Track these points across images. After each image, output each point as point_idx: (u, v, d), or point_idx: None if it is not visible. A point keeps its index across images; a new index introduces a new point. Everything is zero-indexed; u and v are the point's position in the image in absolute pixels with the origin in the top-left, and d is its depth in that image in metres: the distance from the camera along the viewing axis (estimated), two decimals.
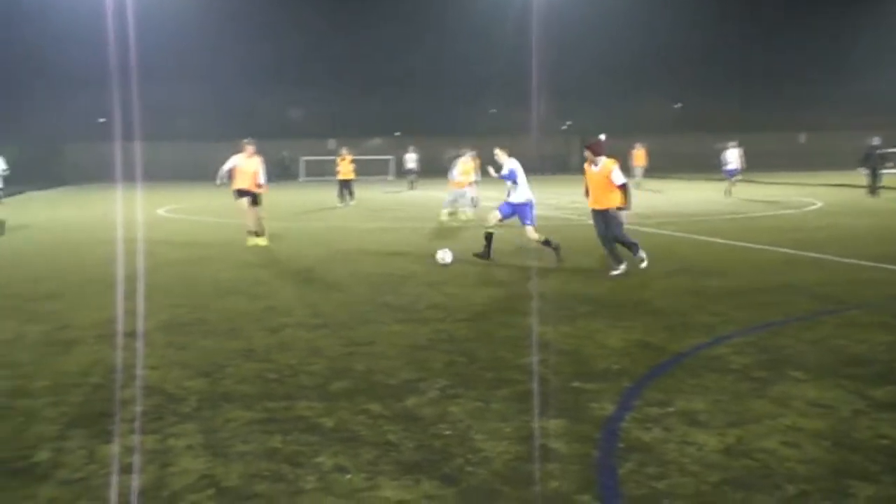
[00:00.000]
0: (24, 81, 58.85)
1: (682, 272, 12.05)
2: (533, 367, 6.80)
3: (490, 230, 13.27)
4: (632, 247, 11.86)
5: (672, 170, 53.97)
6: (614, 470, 4.71)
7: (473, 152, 23.49)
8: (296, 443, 5.15)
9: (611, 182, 11.62)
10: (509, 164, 13.22)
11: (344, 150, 29.77)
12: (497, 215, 13.20)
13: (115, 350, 7.58)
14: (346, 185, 28.72)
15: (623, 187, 11.65)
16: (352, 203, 28.45)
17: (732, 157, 31.22)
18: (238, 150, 16.38)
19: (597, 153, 11.73)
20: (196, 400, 6.08)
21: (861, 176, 30.00)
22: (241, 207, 16.24)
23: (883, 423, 5.42)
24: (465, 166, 22.87)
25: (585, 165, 11.93)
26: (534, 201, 13.30)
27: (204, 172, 46.26)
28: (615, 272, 11.55)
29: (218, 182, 16.64)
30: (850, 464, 4.75)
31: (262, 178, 16.44)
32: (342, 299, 10.14)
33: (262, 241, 15.92)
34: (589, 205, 12.08)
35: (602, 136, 23.01)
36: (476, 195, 24.01)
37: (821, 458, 4.84)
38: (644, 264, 11.83)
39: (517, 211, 13.14)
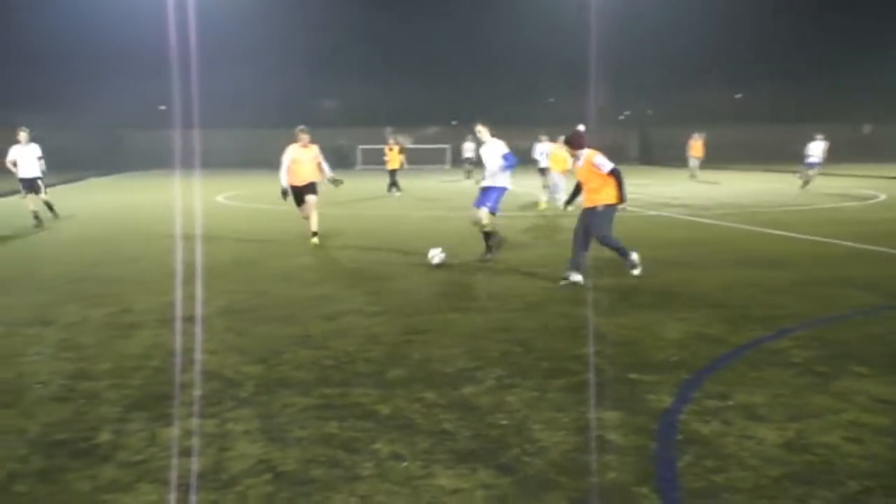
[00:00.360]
0: (88, 68, 59.92)
1: (741, 264, 11.87)
2: (589, 358, 6.75)
3: (486, 229, 12.19)
4: (620, 252, 10.69)
5: (732, 160, 53.21)
6: (672, 462, 4.66)
7: (562, 138, 22.51)
8: (352, 429, 5.18)
9: (598, 173, 10.31)
10: (496, 145, 12.10)
11: (391, 140, 29.55)
12: (484, 212, 12.08)
13: (175, 334, 7.68)
14: (393, 175, 28.52)
15: (613, 173, 10.23)
16: (396, 194, 28.11)
17: (816, 149, 30.02)
18: (293, 140, 14.51)
19: (575, 147, 10.55)
20: (253, 385, 6.14)
21: None
22: (302, 214, 14.69)
23: None
24: (556, 153, 21.78)
25: (572, 162, 11.13)
26: (508, 189, 12.34)
27: (261, 160, 46.75)
28: (564, 280, 10.29)
29: (284, 186, 14.24)
30: None
31: (326, 168, 14.76)
32: (398, 287, 10.17)
33: (314, 241, 14.39)
34: (583, 204, 10.68)
35: (580, 127, 22.80)
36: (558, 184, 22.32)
37: (884, 454, 4.75)
38: (636, 272, 10.68)
39: (485, 193, 12.14)
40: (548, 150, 24.46)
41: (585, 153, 10.48)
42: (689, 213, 20.34)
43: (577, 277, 10.23)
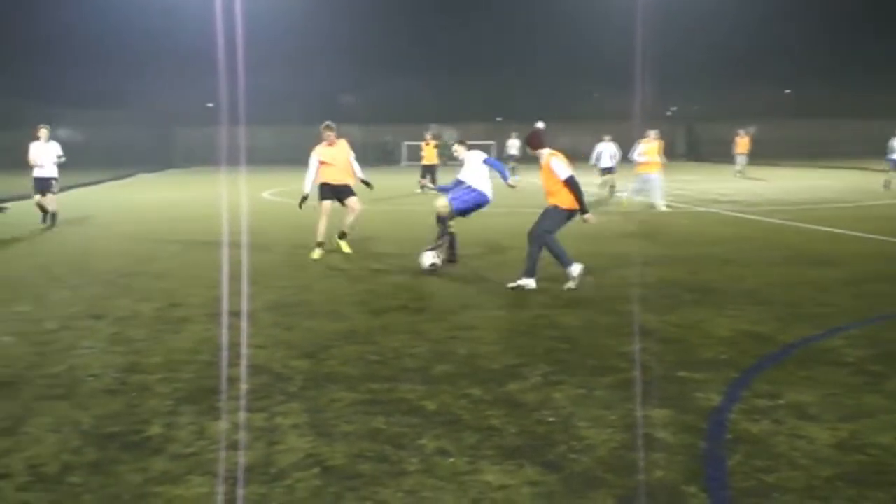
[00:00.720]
0: (140, 66, 60.80)
1: (791, 261, 11.72)
2: (637, 356, 6.71)
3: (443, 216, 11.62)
4: (560, 258, 9.88)
5: (781, 156, 52.52)
6: (722, 461, 4.62)
7: (656, 131, 20.90)
8: (398, 424, 5.20)
9: (554, 177, 9.81)
10: (472, 156, 11.88)
11: (428, 135, 29.39)
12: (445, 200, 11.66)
13: (224, 329, 7.77)
14: (429, 171, 27.96)
15: (568, 182, 9.67)
16: (432, 189, 27.14)
17: None
18: (318, 141, 12.90)
19: (534, 146, 10.03)
20: (301, 380, 6.19)
21: None
22: (324, 210, 12.72)
23: None
24: (648, 146, 20.42)
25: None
26: (486, 199, 11.84)
27: (305, 157, 47.18)
28: (513, 284, 9.80)
29: (305, 192, 12.80)
30: None
31: (357, 168, 13.09)
32: (443, 283, 10.18)
33: (344, 248, 12.94)
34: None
35: (540, 124, 21.73)
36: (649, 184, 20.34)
37: None
38: (571, 285, 9.71)
39: (454, 188, 11.79)
40: (611, 151, 24.45)
41: (543, 153, 9.94)
42: (736, 209, 20.13)
43: (523, 282, 9.73)
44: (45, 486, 4.38)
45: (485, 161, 11.81)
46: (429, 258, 11.02)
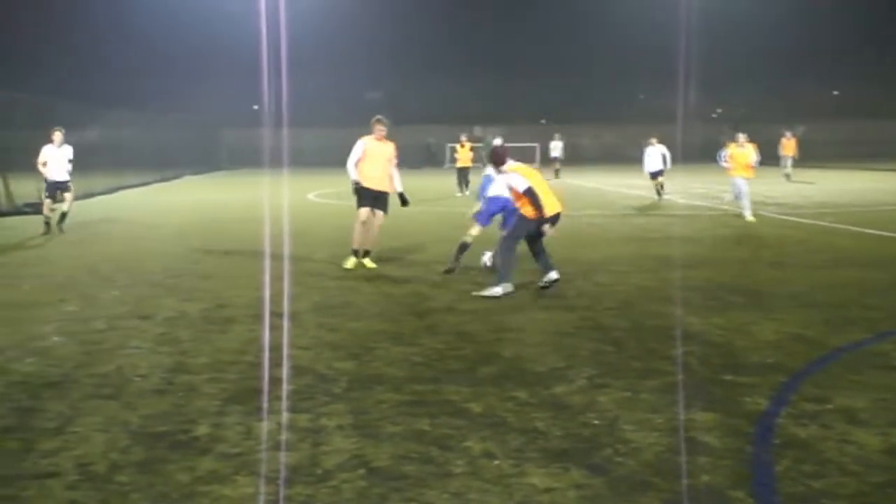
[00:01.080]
0: (187, 68, 61.55)
1: (840, 264, 11.55)
2: (683, 359, 6.65)
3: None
4: (503, 269, 9.72)
5: (829, 158, 51.78)
6: (770, 466, 4.56)
7: (745, 135, 18.57)
8: (444, 426, 5.21)
9: (514, 190, 9.78)
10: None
11: (463, 137, 29.11)
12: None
13: (269, 330, 7.83)
14: (463, 174, 27.90)
15: (527, 194, 9.59)
16: (466, 193, 26.62)
17: None
18: (368, 132, 11.94)
19: (497, 163, 10.02)
20: (346, 381, 6.22)
21: None
22: (361, 218, 11.69)
23: None
24: (736, 153, 18.35)
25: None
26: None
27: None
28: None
29: (355, 178, 11.73)
30: None
31: (397, 178, 12.09)
32: (485, 286, 10.15)
33: (368, 263, 11.72)
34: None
35: (497, 141, 21.13)
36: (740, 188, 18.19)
37: None
38: (491, 293, 9.47)
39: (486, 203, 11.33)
40: (659, 153, 24.05)
41: (506, 170, 9.93)
42: (783, 212, 19.89)
43: (553, 276, 9.70)
44: (93, 485, 4.44)
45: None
46: (487, 257, 11.17)
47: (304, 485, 4.40)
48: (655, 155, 24.33)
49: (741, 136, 18.45)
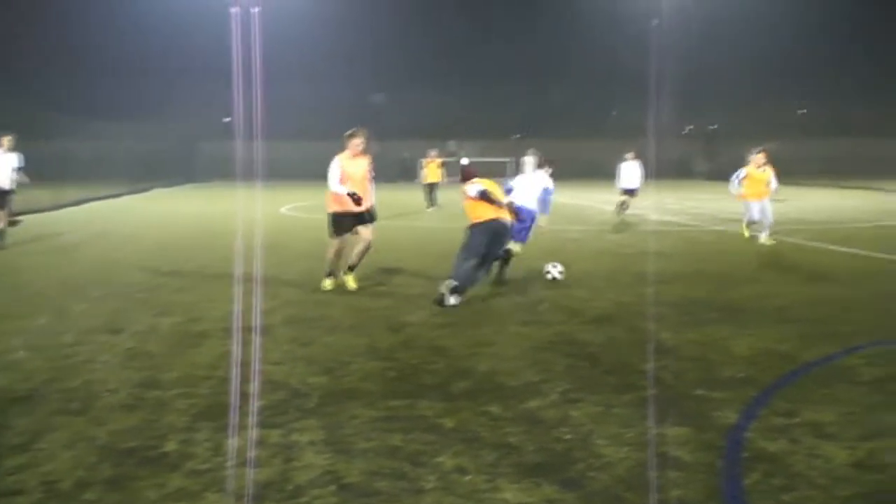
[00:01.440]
0: (158, 79, 61.20)
1: (811, 280, 11.67)
2: (656, 374, 6.68)
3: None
4: (461, 279, 9.86)
5: (800, 175, 52.22)
6: (740, 480, 4.59)
7: (756, 156, 17.06)
8: (417, 442, 5.19)
9: (469, 198, 10.29)
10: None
11: (432, 153, 28.81)
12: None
13: (242, 344, 7.78)
14: (430, 189, 27.55)
15: (481, 196, 10.12)
16: (432, 209, 26.53)
17: None
18: (341, 150, 11.03)
19: (466, 180, 10.47)
20: (319, 396, 6.19)
21: None
22: (336, 247, 10.97)
23: None
24: (753, 174, 16.82)
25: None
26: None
27: (324, 171, 47.44)
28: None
29: (346, 191, 10.71)
30: None
31: (372, 192, 11.21)
32: (463, 300, 10.15)
33: (351, 282, 11.01)
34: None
35: (464, 161, 21.55)
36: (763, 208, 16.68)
37: None
38: (444, 301, 9.71)
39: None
40: (634, 170, 23.09)
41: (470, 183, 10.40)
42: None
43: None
44: (59, 503, 4.39)
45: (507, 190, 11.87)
46: (554, 271, 11.52)
47: (275, 501, 4.38)
48: (631, 170, 23.44)
49: (760, 157, 16.83)
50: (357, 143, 10.96)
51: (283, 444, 5.18)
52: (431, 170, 28.21)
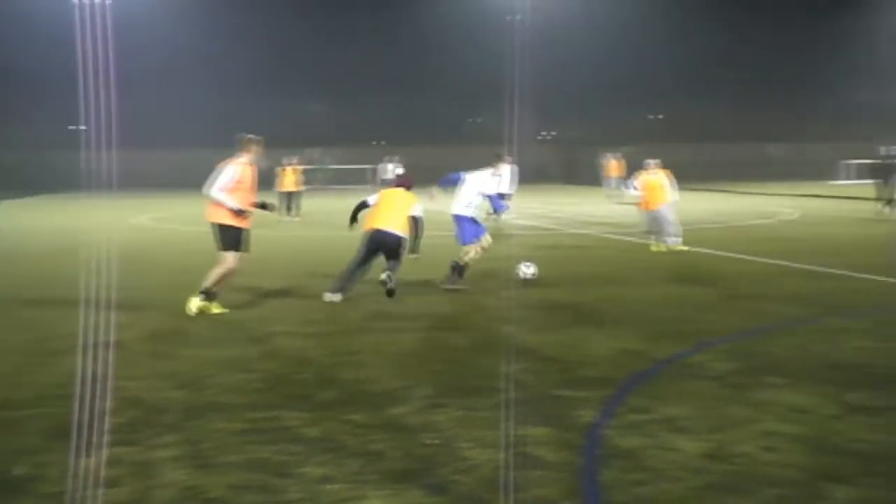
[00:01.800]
0: (8, 88, 58.52)
1: (665, 281, 12.14)
2: (518, 376, 6.82)
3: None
4: (346, 281, 10.61)
5: None
6: (598, 477, 4.75)
7: (657, 160, 16.88)
8: (282, 453, 5.16)
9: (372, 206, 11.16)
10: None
11: (290, 160, 28.09)
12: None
13: (98, 360, 7.54)
14: (289, 198, 26.93)
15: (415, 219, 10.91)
16: (296, 219, 26.06)
17: None
18: (231, 157, 9.98)
19: (401, 187, 11.33)
20: (180, 411, 6.07)
21: (876, 188, 26.39)
22: (232, 264, 9.88)
23: (858, 427, 5.53)
24: (650, 181, 16.44)
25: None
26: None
27: (187, 180, 46.36)
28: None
29: (236, 212, 9.71)
30: (827, 467, 4.84)
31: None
32: (328, 308, 10.13)
33: (216, 308, 9.89)
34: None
35: (400, 170, 21.99)
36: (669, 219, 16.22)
37: (799, 461, 4.92)
38: (330, 298, 10.35)
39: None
40: (507, 176, 22.77)
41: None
42: (611, 231, 20.67)
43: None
44: None
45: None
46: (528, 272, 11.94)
47: None
48: (505, 175, 23.18)
49: (652, 162, 16.61)
50: (259, 150, 10.06)
51: (142, 462, 5.06)
52: (288, 177, 27.74)
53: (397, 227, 10.73)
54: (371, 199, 11.27)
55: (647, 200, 16.27)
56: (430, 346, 8.08)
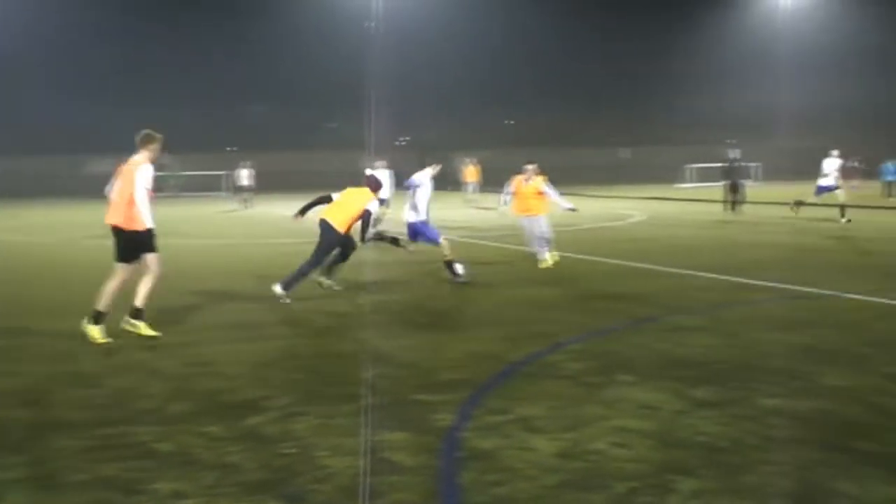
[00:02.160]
0: None
1: (520, 283, 12.38)
2: (376, 382, 6.82)
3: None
4: (294, 277, 10.90)
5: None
6: (456, 479, 4.79)
7: (535, 165, 14.72)
8: (132, 470, 4.99)
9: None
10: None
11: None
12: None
13: None
14: None
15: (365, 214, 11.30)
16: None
17: (830, 167, 23.39)
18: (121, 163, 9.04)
19: (375, 189, 11.60)
20: (22, 430, 5.79)
21: (722, 189, 28.14)
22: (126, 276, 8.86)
23: (702, 420, 5.77)
24: (521, 185, 14.72)
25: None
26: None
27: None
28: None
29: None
30: (674, 460, 5.03)
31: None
32: (183, 318, 9.86)
33: (145, 330, 8.75)
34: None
35: (368, 171, 22.04)
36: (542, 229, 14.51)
37: (647, 456, 5.10)
38: (281, 292, 10.63)
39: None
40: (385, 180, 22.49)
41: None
42: (469, 235, 20.91)
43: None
44: None
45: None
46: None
47: None
48: (384, 179, 22.95)
49: (529, 167, 14.65)
50: (159, 147, 9.04)
51: None
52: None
53: (337, 222, 10.97)
54: (335, 195, 11.44)
55: (521, 207, 14.73)
56: (286, 354, 7.98)
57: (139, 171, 8.70)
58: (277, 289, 10.58)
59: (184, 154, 50.86)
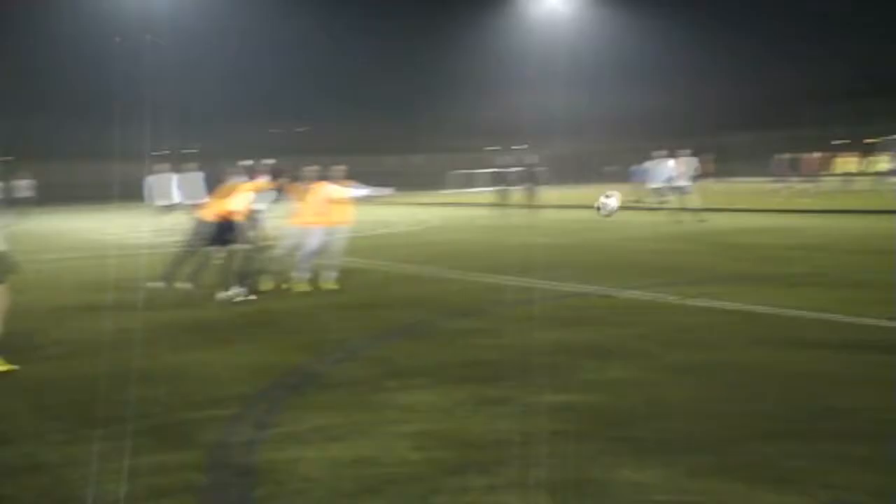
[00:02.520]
0: None
1: (290, 295, 11.74)
2: (145, 402, 6.27)
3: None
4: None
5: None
6: (224, 497, 4.50)
7: (344, 167, 12.89)
8: None
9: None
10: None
11: None
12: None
13: None
14: None
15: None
16: None
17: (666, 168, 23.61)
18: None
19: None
20: None
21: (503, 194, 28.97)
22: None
23: (496, 418, 5.73)
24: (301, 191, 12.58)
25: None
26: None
27: None
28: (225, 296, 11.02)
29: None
30: (468, 459, 4.94)
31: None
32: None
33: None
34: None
35: (150, 177, 21.46)
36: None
37: (444, 457, 4.98)
38: (227, 297, 10.98)
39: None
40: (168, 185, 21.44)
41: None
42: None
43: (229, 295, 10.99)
44: None
45: None
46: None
47: None
48: (165, 184, 22.01)
49: (311, 170, 12.73)
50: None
51: None
52: None
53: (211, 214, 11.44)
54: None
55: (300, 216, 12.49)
56: (42, 378, 7.23)
57: None
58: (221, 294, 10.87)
59: None
